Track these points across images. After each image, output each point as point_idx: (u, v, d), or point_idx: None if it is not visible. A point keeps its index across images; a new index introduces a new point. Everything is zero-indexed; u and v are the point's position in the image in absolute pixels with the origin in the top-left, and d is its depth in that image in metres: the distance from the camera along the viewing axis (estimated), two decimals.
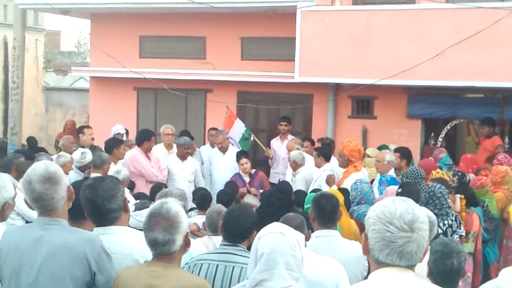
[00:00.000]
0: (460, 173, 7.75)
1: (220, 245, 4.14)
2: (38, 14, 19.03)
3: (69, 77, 19.43)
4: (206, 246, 4.96)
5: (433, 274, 4.16)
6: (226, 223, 4.12)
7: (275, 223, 3.16)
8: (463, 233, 6.38)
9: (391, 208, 2.39)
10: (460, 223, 6.37)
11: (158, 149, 9.53)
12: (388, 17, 10.18)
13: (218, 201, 7.01)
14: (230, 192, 7.77)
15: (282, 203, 6.77)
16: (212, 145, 10.54)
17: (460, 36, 9.43)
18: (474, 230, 6.82)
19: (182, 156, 9.31)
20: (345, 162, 8.20)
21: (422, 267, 3.00)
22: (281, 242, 2.96)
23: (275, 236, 2.98)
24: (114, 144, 8.75)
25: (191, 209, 7.31)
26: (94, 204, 3.46)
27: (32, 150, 9.81)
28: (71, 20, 16.49)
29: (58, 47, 24.74)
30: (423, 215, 2.42)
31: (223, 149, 9.88)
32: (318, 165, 8.51)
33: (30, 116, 17.74)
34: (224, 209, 5.23)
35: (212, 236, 5.15)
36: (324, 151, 8.77)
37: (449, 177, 7.80)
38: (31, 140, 13.18)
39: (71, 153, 8.32)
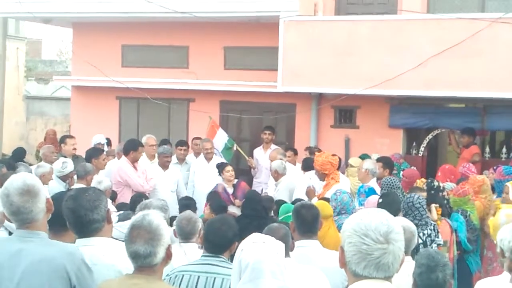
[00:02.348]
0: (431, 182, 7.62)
1: (201, 256, 4.12)
2: (19, 23, 18.92)
3: (50, 86, 19.31)
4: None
5: (418, 287, 4.17)
6: (208, 234, 4.11)
7: (255, 233, 3.19)
8: (441, 242, 6.37)
9: (366, 220, 2.38)
10: (437, 232, 6.38)
11: (140, 159, 9.47)
12: (370, 27, 10.24)
13: (214, 211, 6.98)
14: (225, 202, 7.76)
15: (257, 212, 6.78)
16: (196, 154, 10.50)
17: (442, 47, 9.51)
18: (444, 239, 6.74)
19: (163, 165, 9.26)
20: (320, 176, 8.18)
21: (401, 279, 3.00)
22: (264, 252, 3.00)
23: (258, 246, 3.02)
24: (93, 154, 8.69)
25: (174, 218, 7.25)
26: (77, 215, 3.44)
27: (14, 160, 9.59)
28: (52, 29, 16.37)
29: (40, 55, 24.65)
30: (398, 225, 2.41)
31: (209, 156, 9.83)
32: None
33: (11, 125, 17.58)
34: (194, 216, 5.11)
35: (183, 243, 4.93)
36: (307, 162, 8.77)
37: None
38: (19, 151, 11.78)
39: (51, 163, 8.24)
